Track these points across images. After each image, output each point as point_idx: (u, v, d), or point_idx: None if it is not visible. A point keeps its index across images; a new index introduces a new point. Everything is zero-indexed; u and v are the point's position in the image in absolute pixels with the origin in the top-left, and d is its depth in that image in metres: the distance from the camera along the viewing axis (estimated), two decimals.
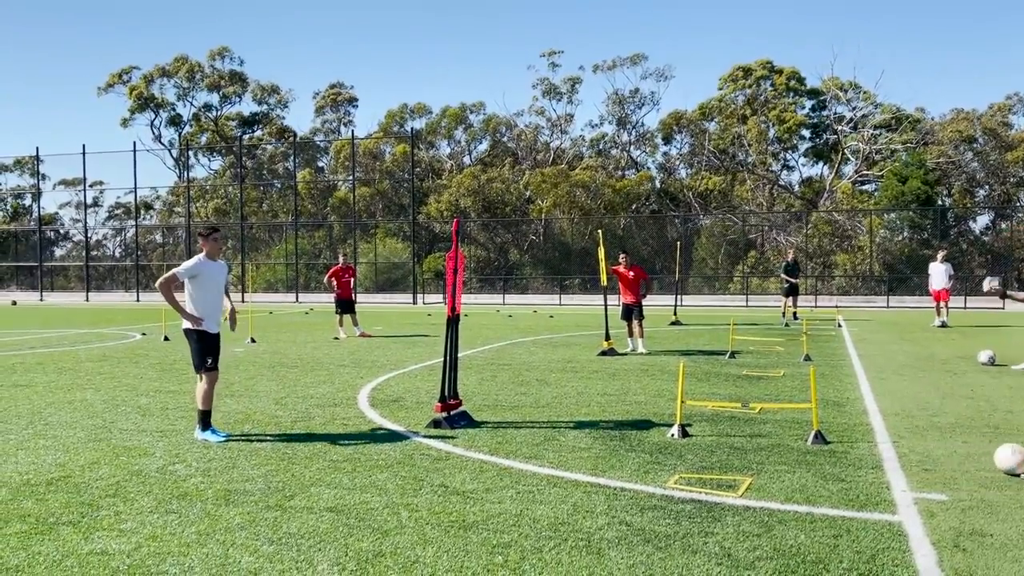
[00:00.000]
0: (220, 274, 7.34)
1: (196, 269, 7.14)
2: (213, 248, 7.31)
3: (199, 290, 7.16)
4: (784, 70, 45.79)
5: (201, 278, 7.16)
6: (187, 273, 7.12)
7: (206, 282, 7.19)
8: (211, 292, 7.23)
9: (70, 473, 6.01)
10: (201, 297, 7.18)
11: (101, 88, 55.62)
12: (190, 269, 7.14)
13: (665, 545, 4.44)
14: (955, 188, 43.71)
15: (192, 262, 7.19)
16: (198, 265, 7.17)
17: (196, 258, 7.26)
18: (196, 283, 7.14)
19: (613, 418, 8.02)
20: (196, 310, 7.14)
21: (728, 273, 40.76)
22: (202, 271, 7.17)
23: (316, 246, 49.24)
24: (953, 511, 5.01)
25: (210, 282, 7.22)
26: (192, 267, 7.14)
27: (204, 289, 7.18)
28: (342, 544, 4.48)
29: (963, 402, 8.80)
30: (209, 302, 7.22)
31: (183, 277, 7.12)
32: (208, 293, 7.21)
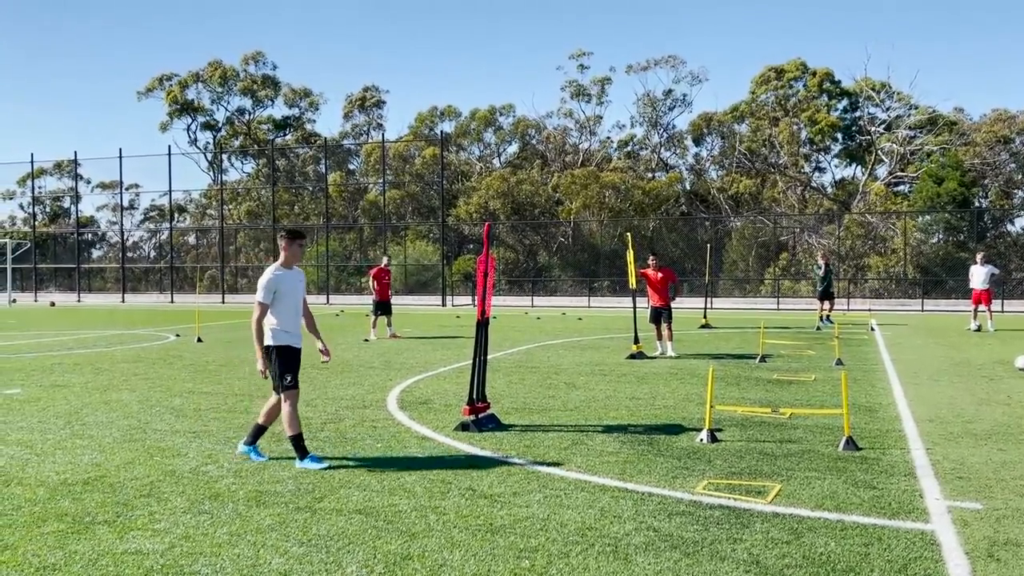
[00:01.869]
0: (299, 283, 6.62)
1: (274, 285, 6.39)
2: (294, 255, 6.58)
3: (278, 303, 6.43)
4: (817, 71, 45.29)
5: (280, 291, 6.43)
6: (269, 296, 6.37)
7: (285, 295, 6.46)
8: (290, 304, 6.50)
9: (106, 473, 6.13)
10: (281, 310, 6.44)
11: (140, 93, 56.62)
12: (268, 288, 6.37)
13: (693, 551, 4.42)
14: (992, 190, 42.90)
15: (268, 278, 6.39)
16: (274, 280, 6.40)
17: (272, 271, 6.47)
18: (275, 297, 6.42)
19: (641, 422, 8.00)
20: (277, 324, 6.42)
21: (759, 276, 40.40)
22: (280, 285, 6.43)
23: (347, 248, 49.63)
24: (987, 520, 4.92)
25: (289, 293, 6.49)
26: (270, 284, 6.37)
27: (283, 302, 6.45)
28: (370, 546, 4.52)
29: (999, 408, 8.64)
30: (289, 315, 6.48)
31: (268, 300, 6.37)
32: (287, 306, 6.48)
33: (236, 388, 10.37)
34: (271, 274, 6.43)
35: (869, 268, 38.33)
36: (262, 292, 6.37)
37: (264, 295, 6.36)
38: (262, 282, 6.39)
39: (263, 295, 6.37)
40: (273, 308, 6.41)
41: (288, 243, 6.55)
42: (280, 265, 6.54)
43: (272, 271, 6.47)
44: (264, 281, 6.38)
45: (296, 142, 55.86)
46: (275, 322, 6.43)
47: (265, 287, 6.36)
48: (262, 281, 6.40)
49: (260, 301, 6.36)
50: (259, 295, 6.38)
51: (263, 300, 6.36)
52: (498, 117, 52.41)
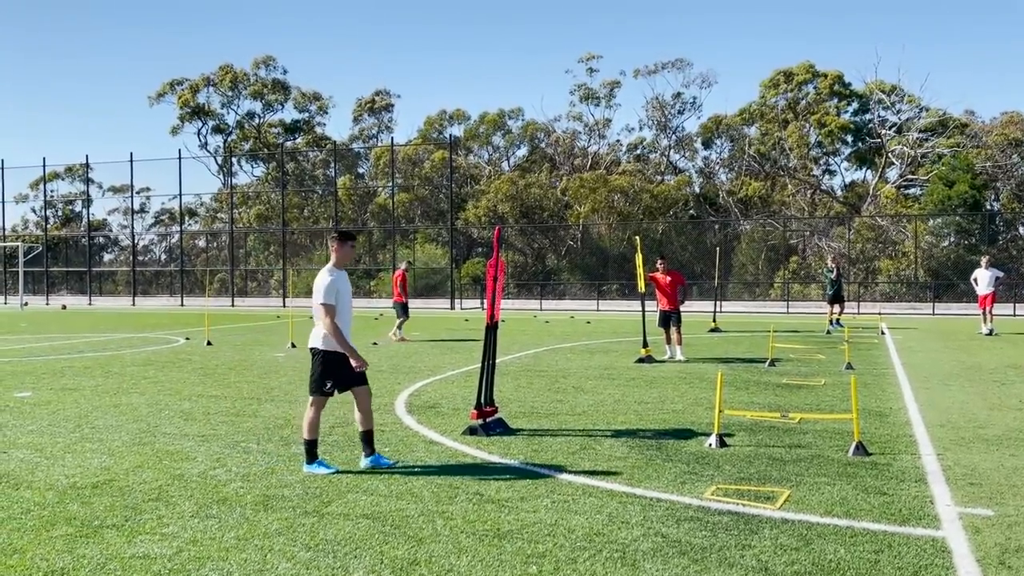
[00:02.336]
0: (349, 285, 6.54)
1: (335, 285, 6.28)
2: (345, 256, 6.49)
3: (336, 305, 6.31)
4: (828, 74, 45.14)
5: (339, 294, 6.32)
6: (332, 296, 6.25)
7: (341, 297, 6.34)
8: (344, 307, 6.38)
9: (115, 477, 6.15)
10: (340, 315, 6.32)
11: (152, 97, 56.93)
12: (331, 289, 6.26)
13: (701, 558, 4.40)
14: (1004, 193, 42.65)
15: (327, 280, 6.28)
16: (335, 281, 6.29)
17: (328, 272, 6.36)
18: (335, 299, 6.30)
19: (650, 427, 7.97)
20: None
21: (768, 279, 40.26)
22: (339, 286, 6.32)
23: (356, 252, 49.69)
24: (999, 527, 4.88)
25: (344, 296, 6.39)
26: (331, 285, 6.26)
27: (341, 305, 6.34)
28: (377, 551, 4.52)
29: (1011, 414, 8.58)
30: (343, 318, 6.35)
31: (333, 301, 6.25)
32: (342, 308, 6.35)
33: (245, 392, 10.40)
34: (330, 275, 6.32)
35: (879, 271, 38.16)
36: (325, 294, 6.24)
37: (327, 296, 6.24)
38: (323, 285, 6.26)
39: (327, 296, 6.24)
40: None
41: (340, 244, 6.47)
42: (333, 266, 6.43)
43: (329, 272, 6.36)
44: (326, 283, 6.27)
45: (306, 145, 56.05)
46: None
47: (327, 289, 6.25)
48: (322, 284, 6.27)
49: (325, 303, 6.23)
50: (323, 297, 6.24)
51: (328, 302, 6.23)
52: (507, 120, 52.44)
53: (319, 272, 6.42)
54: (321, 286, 6.26)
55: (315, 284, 6.32)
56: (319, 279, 6.31)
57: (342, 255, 6.47)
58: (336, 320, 6.24)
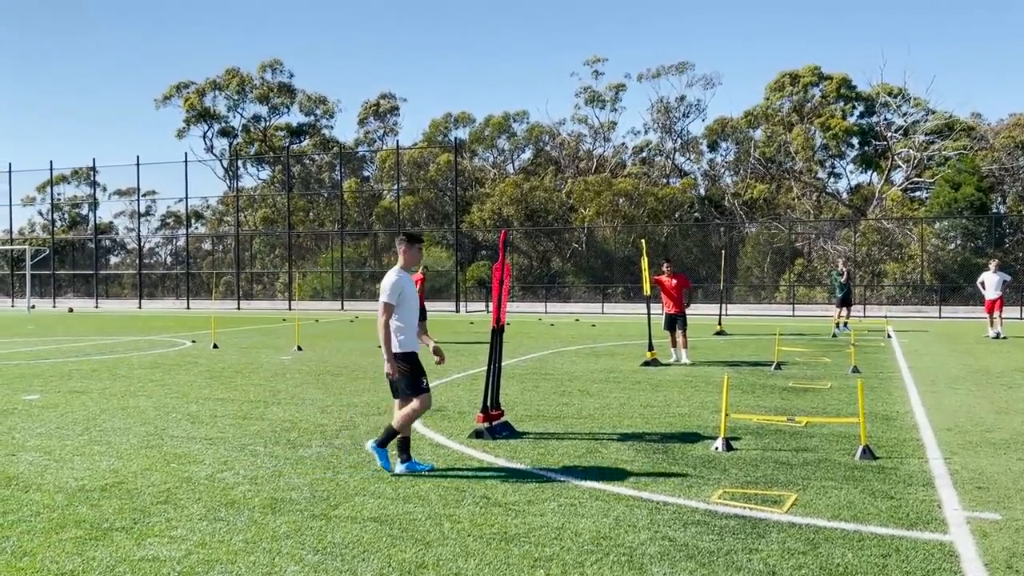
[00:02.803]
0: (414, 287, 6.57)
1: (400, 286, 6.33)
2: (412, 257, 6.53)
3: (401, 306, 6.35)
4: (833, 76, 45.09)
5: (404, 294, 6.37)
6: (395, 296, 6.31)
7: (408, 299, 6.39)
8: (412, 308, 6.43)
9: (123, 479, 6.18)
10: (404, 314, 6.36)
11: (158, 100, 57.13)
12: (395, 290, 6.31)
13: (708, 562, 4.40)
14: (1010, 195, 42.53)
15: (393, 279, 6.34)
16: (400, 281, 6.35)
17: (395, 273, 6.39)
18: (399, 300, 6.35)
19: (656, 430, 7.97)
20: (402, 329, 6.35)
21: (774, 282, 40.20)
22: (404, 287, 6.37)
23: (361, 254, 49.80)
24: (1007, 531, 4.87)
25: (411, 298, 6.43)
26: (396, 285, 6.32)
27: (406, 305, 6.37)
28: (385, 555, 4.53)
29: (1019, 417, 8.55)
30: (412, 319, 6.42)
31: (395, 301, 6.31)
32: (409, 310, 6.40)
33: (252, 395, 10.43)
34: (396, 276, 6.37)
35: (885, 274, 38.07)
36: (389, 293, 6.29)
37: (391, 296, 6.29)
38: (388, 284, 6.33)
39: (390, 296, 6.29)
40: (397, 312, 6.34)
41: (408, 246, 6.51)
42: (400, 268, 6.48)
43: (396, 273, 6.40)
44: (391, 283, 6.32)
45: (312, 148, 56.19)
46: (400, 327, 6.36)
47: (391, 288, 6.30)
48: (388, 283, 6.33)
49: (387, 302, 6.28)
50: (386, 296, 6.29)
51: (390, 301, 6.28)
52: (512, 123, 52.50)
53: (388, 273, 6.49)
54: (387, 285, 6.34)
55: (382, 283, 6.41)
56: (386, 279, 6.39)
57: (409, 257, 6.52)
58: (400, 321, 6.33)
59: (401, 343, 6.34)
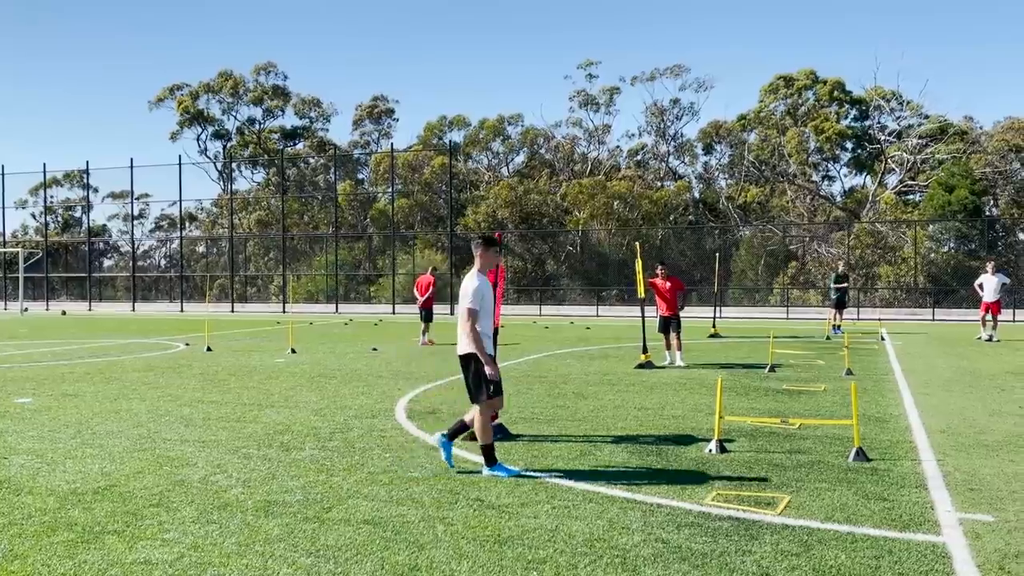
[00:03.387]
0: (492, 290, 6.61)
1: (481, 291, 6.35)
2: (490, 260, 6.59)
3: (480, 310, 6.38)
4: (828, 80, 45.26)
5: (484, 299, 6.39)
6: (478, 301, 6.32)
7: (486, 302, 6.42)
8: (488, 311, 6.46)
9: (115, 482, 6.15)
10: (480, 317, 6.38)
11: (151, 103, 57.06)
12: (478, 294, 6.33)
13: (702, 563, 4.40)
14: (1003, 198, 42.71)
15: (475, 284, 6.35)
16: (482, 286, 6.37)
17: (476, 278, 6.40)
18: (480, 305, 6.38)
19: (650, 432, 7.97)
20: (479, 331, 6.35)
21: (768, 285, 40.28)
22: (485, 291, 6.39)
23: (356, 257, 49.76)
24: (999, 533, 4.89)
25: (488, 301, 6.46)
26: (478, 291, 6.33)
27: (483, 308, 6.39)
28: (378, 557, 4.52)
29: (1011, 419, 8.58)
30: (487, 322, 6.44)
31: (478, 306, 6.33)
32: (486, 312, 6.43)
33: (245, 398, 10.40)
34: (477, 280, 6.39)
35: (879, 277, 38.18)
36: (472, 298, 6.32)
37: (474, 300, 6.32)
38: (470, 288, 6.34)
39: (474, 301, 6.31)
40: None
41: (485, 249, 6.55)
42: (478, 271, 6.50)
43: (476, 277, 6.42)
44: (473, 287, 6.34)
45: (306, 151, 56.13)
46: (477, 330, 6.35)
47: (474, 294, 6.32)
48: (470, 287, 6.35)
49: (470, 307, 6.31)
50: (469, 301, 6.32)
51: (473, 306, 6.32)
52: (507, 126, 52.55)
53: (466, 277, 6.49)
54: (469, 290, 6.35)
55: (462, 289, 6.42)
56: (466, 283, 6.40)
57: (487, 260, 6.56)
58: (477, 325, 6.34)
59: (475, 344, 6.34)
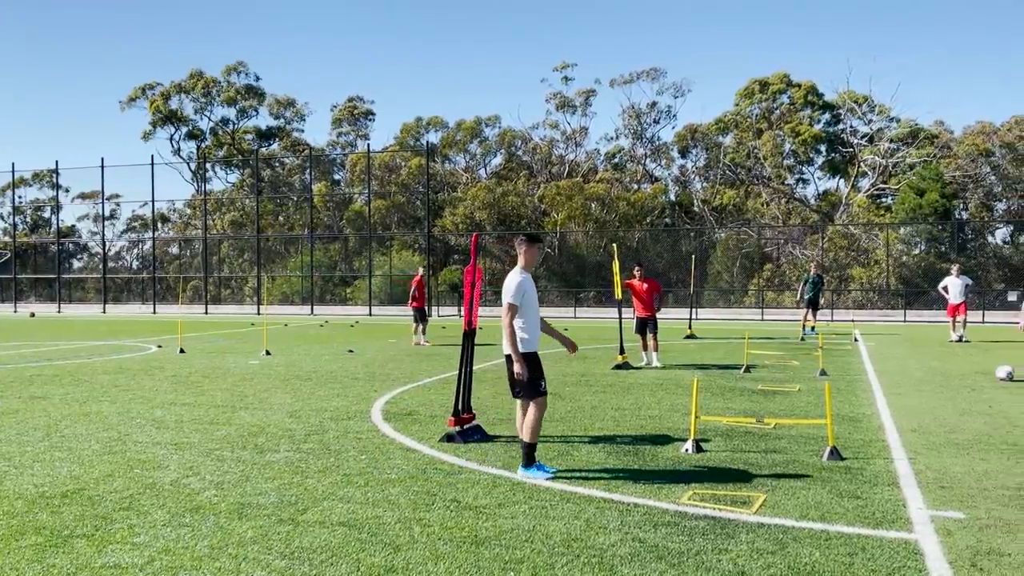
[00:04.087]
0: (535, 287, 6.57)
1: (524, 287, 6.34)
2: (534, 257, 6.55)
3: (524, 307, 6.35)
4: (802, 84, 45.73)
5: (527, 295, 6.37)
6: (519, 297, 6.30)
7: (530, 299, 6.40)
8: (533, 309, 6.43)
9: (85, 486, 6.05)
10: (526, 315, 6.37)
11: (123, 102, 56.32)
12: (520, 290, 6.31)
13: (678, 562, 4.41)
14: (972, 201, 43.40)
15: (517, 280, 6.34)
16: (524, 282, 6.36)
17: (518, 274, 6.40)
18: (523, 301, 6.36)
19: (627, 433, 7.99)
20: (524, 330, 6.33)
21: (743, 287, 40.60)
22: (527, 288, 6.38)
23: (332, 258, 49.47)
24: (970, 529, 4.95)
25: (532, 298, 6.43)
26: (520, 286, 6.32)
27: (528, 306, 6.38)
28: (354, 559, 4.48)
29: (981, 418, 8.70)
30: (533, 320, 6.42)
31: (519, 302, 6.30)
32: (532, 311, 6.40)
33: (219, 400, 10.28)
34: (520, 276, 6.38)
35: (852, 279, 38.62)
36: (514, 294, 6.29)
37: (516, 296, 6.29)
38: (513, 284, 6.32)
39: (515, 296, 6.29)
40: (520, 313, 6.34)
41: (529, 246, 6.51)
42: (522, 268, 6.48)
43: (520, 274, 6.40)
44: (515, 283, 6.32)
45: (282, 151, 55.73)
46: (521, 327, 6.34)
47: (516, 289, 6.30)
48: (512, 283, 6.33)
49: (511, 303, 6.29)
50: (511, 297, 6.29)
51: (515, 301, 6.29)
52: (484, 128, 52.53)
53: (510, 273, 6.46)
54: (512, 286, 6.33)
55: (505, 285, 6.39)
56: (510, 280, 6.37)
57: (530, 257, 6.53)
58: (523, 322, 6.33)
59: (524, 343, 6.32)
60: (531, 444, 6.31)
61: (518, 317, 6.35)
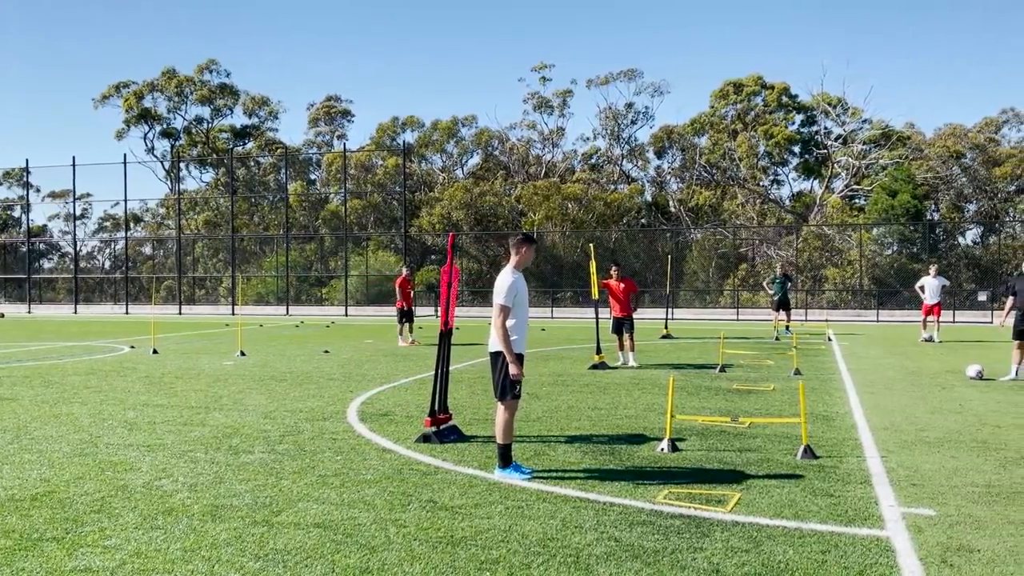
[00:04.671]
0: (527, 288, 6.50)
1: (515, 288, 6.27)
2: (527, 258, 6.48)
3: (516, 308, 6.27)
4: (775, 86, 46.11)
5: (518, 295, 6.29)
6: (511, 298, 6.22)
7: (521, 299, 6.32)
8: (523, 309, 6.36)
9: (55, 488, 5.96)
10: (517, 316, 6.29)
11: (96, 100, 55.53)
12: (511, 291, 6.22)
13: (654, 561, 4.43)
14: (943, 202, 44.05)
15: (508, 280, 6.26)
16: (516, 283, 6.29)
17: (509, 274, 6.32)
18: (514, 301, 6.28)
19: (603, 432, 8.01)
20: (512, 329, 6.26)
21: (719, 287, 40.88)
22: (519, 288, 6.31)
23: (307, 259, 49.15)
24: (941, 526, 5.01)
25: (523, 299, 6.37)
26: (511, 287, 6.23)
27: (519, 307, 6.29)
28: (329, 560, 4.45)
29: (951, 416, 8.83)
30: (522, 321, 6.35)
31: (511, 303, 6.22)
32: (522, 311, 6.34)
33: (192, 401, 10.18)
34: (511, 276, 6.29)
35: (826, 279, 39.03)
36: (505, 295, 6.20)
37: (507, 297, 6.20)
38: (504, 285, 6.23)
39: (506, 297, 6.20)
40: (511, 313, 6.25)
41: (527, 247, 6.46)
42: (513, 268, 6.40)
43: (510, 274, 6.31)
44: (506, 284, 6.23)
45: (257, 150, 55.25)
46: (513, 327, 6.27)
47: (508, 290, 6.21)
48: (504, 284, 6.23)
49: (503, 304, 6.20)
50: (502, 298, 6.21)
51: (506, 303, 6.20)
52: (460, 128, 52.44)
53: (501, 273, 6.38)
54: (503, 286, 6.23)
55: (496, 285, 6.31)
56: (501, 280, 6.28)
57: (523, 257, 6.47)
58: (513, 323, 6.25)
59: (512, 343, 6.24)
60: (506, 445, 6.30)
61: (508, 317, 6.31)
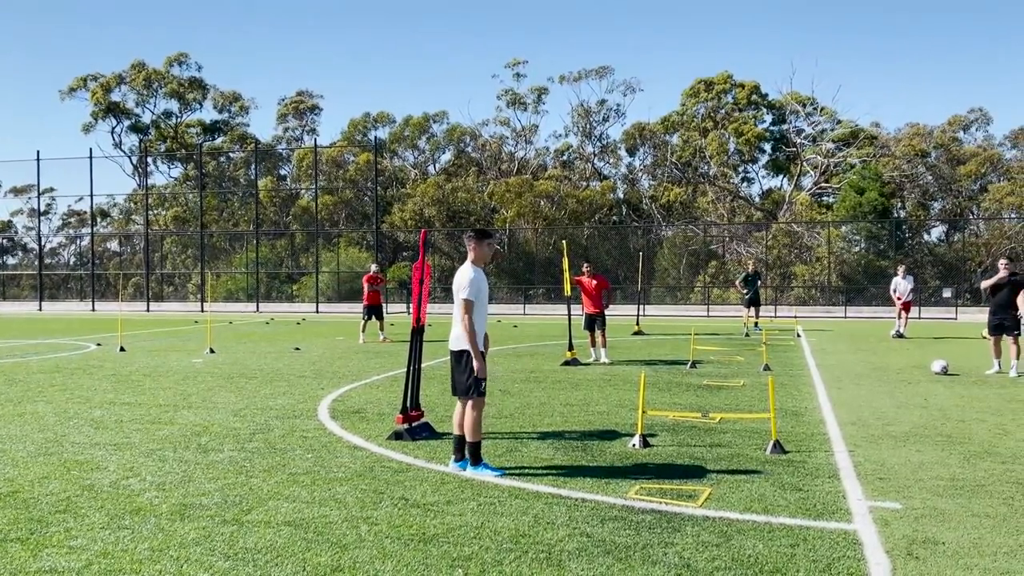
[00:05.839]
0: (487, 283, 6.39)
1: (477, 282, 6.17)
2: (485, 254, 6.38)
3: (476, 303, 6.19)
4: (745, 84, 46.50)
5: (480, 292, 6.20)
6: (475, 292, 6.12)
7: (482, 295, 6.23)
8: (483, 306, 6.25)
9: (19, 488, 5.85)
10: (478, 312, 6.20)
11: (63, 92, 54.52)
12: (474, 285, 6.13)
13: (625, 556, 4.45)
14: (910, 201, 44.75)
15: (470, 275, 6.15)
16: (477, 278, 6.19)
17: (470, 269, 6.22)
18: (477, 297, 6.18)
19: (575, 428, 8.04)
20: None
21: (689, 283, 41.19)
22: (480, 283, 6.20)
23: (278, 255, 48.71)
24: (906, 519, 5.10)
25: (484, 294, 6.27)
26: (474, 282, 6.14)
27: (479, 303, 6.20)
28: (300, 559, 4.42)
29: (917, 411, 8.98)
30: (482, 318, 6.26)
31: (474, 297, 6.12)
32: (482, 307, 6.23)
33: (161, 399, 10.04)
34: (473, 272, 6.20)
35: (795, 276, 39.48)
36: (469, 289, 6.11)
37: (471, 292, 6.11)
38: (465, 280, 6.14)
39: (470, 292, 6.11)
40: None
41: (478, 242, 6.34)
42: (472, 264, 6.31)
43: (472, 270, 6.22)
44: (468, 278, 6.14)
45: (227, 145, 54.61)
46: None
47: (470, 285, 6.12)
48: (465, 279, 6.14)
49: (467, 298, 6.10)
50: (466, 293, 6.11)
51: (470, 297, 6.11)
52: (432, 124, 52.25)
53: (460, 269, 6.29)
54: (465, 281, 6.14)
55: (457, 280, 6.22)
56: (462, 275, 6.19)
57: (480, 253, 6.37)
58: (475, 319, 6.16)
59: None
60: (476, 443, 6.29)
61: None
